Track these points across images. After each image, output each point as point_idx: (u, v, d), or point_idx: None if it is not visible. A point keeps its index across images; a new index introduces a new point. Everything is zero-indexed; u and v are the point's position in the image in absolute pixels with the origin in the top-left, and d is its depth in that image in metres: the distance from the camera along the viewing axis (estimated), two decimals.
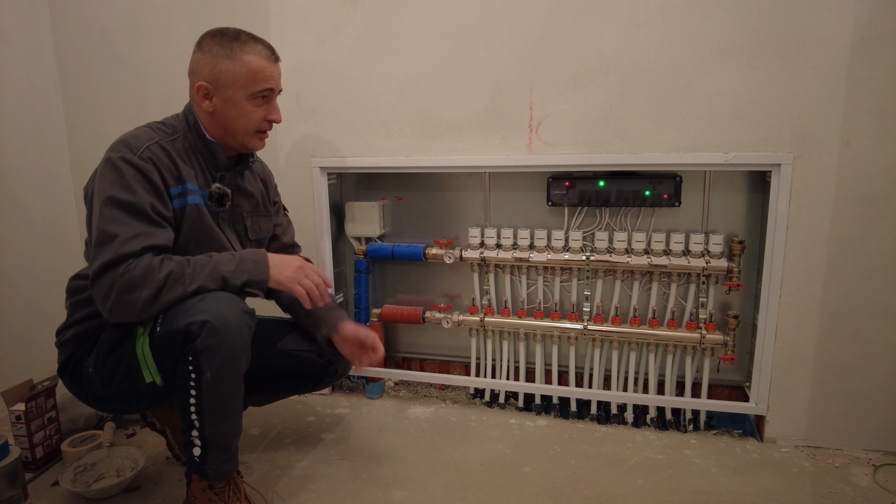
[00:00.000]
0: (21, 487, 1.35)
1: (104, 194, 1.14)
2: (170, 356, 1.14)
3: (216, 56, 1.25)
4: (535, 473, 1.44)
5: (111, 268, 1.10)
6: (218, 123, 1.28)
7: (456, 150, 1.68)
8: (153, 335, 1.16)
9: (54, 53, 1.96)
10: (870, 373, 1.48)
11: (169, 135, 1.26)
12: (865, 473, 1.42)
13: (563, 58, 1.55)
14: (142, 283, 1.10)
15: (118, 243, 1.10)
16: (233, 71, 1.24)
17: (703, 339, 1.59)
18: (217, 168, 1.32)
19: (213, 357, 1.11)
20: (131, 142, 1.19)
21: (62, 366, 1.31)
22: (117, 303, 1.10)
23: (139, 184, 1.15)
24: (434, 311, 1.83)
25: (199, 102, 1.27)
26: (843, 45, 1.36)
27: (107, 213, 1.12)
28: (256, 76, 1.26)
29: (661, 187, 1.58)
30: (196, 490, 1.22)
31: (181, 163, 1.24)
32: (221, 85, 1.25)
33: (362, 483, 1.41)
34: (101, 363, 1.22)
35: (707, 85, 1.47)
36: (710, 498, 1.33)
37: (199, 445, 1.17)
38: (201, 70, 1.26)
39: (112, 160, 1.16)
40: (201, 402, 1.14)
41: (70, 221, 2.03)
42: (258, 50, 1.28)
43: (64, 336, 1.31)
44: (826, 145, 1.41)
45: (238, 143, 1.31)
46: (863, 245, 1.43)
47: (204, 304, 1.12)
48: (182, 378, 1.13)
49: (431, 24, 1.63)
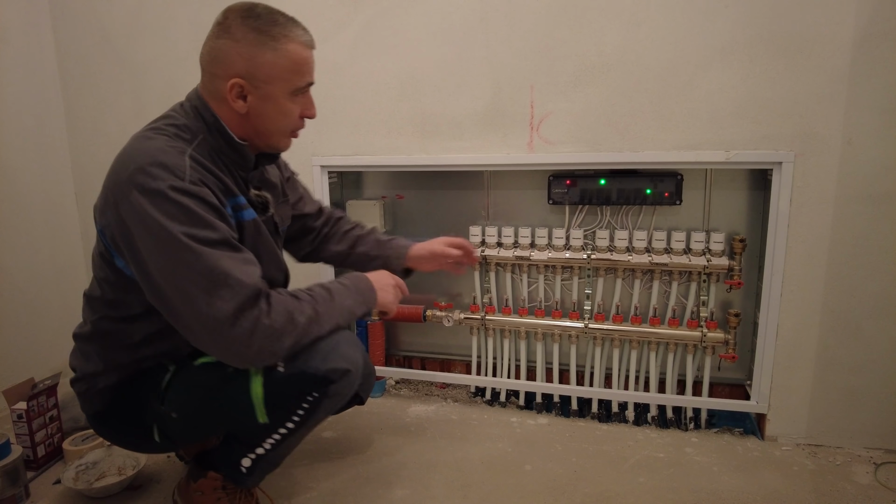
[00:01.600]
0: (22, 486, 1.35)
1: (176, 234, 0.94)
2: (289, 394, 1.06)
3: (253, 45, 1.02)
4: (537, 472, 1.44)
5: (247, 311, 0.96)
6: (249, 124, 1.09)
7: (457, 148, 1.67)
8: (272, 375, 1.06)
9: (54, 52, 1.95)
10: (871, 371, 1.48)
11: (190, 141, 1.05)
12: (867, 471, 1.42)
13: (564, 56, 1.55)
14: (284, 332, 0.99)
15: (237, 285, 0.95)
16: (275, 63, 1.04)
17: (705, 337, 1.59)
18: (245, 170, 1.14)
19: (336, 402, 1.10)
20: (167, 162, 0.98)
21: (101, 415, 1.16)
22: (261, 352, 0.98)
23: (208, 213, 0.98)
24: (435, 310, 1.83)
25: (232, 102, 1.05)
26: (844, 42, 1.36)
27: (195, 254, 0.94)
28: (301, 68, 1.07)
29: (663, 185, 1.58)
30: (206, 486, 1.19)
31: (218, 172, 1.06)
32: (260, 80, 1.04)
33: (363, 482, 1.41)
34: (197, 407, 1.09)
35: (708, 83, 1.46)
36: (711, 496, 1.33)
37: (253, 461, 1.13)
38: (233, 62, 1.03)
39: (161, 191, 0.95)
40: (291, 434, 1.10)
41: (71, 220, 2.03)
42: (300, 36, 1.07)
43: (98, 383, 1.15)
44: (828, 143, 1.41)
45: (266, 144, 1.13)
46: (864, 243, 1.43)
47: (344, 350, 1.07)
48: (285, 411, 1.08)
49: (432, 22, 1.63)
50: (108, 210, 1.01)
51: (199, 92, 1.10)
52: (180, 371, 1.14)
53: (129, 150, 1.03)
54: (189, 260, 0.94)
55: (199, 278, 0.94)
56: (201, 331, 0.97)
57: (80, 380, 1.18)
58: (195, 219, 0.96)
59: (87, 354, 1.16)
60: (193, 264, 0.94)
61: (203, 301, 0.94)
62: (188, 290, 0.95)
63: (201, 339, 0.98)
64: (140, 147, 1.01)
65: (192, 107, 1.09)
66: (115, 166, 1.03)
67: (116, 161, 1.03)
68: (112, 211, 1.00)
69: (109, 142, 1.97)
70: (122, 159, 1.02)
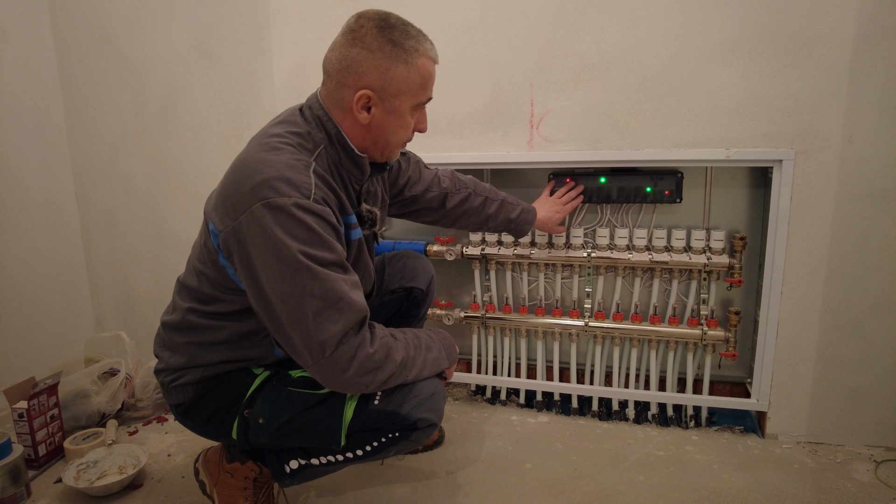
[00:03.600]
0: (24, 485, 1.35)
1: (294, 253, 0.94)
2: (373, 427, 1.07)
3: (389, 58, 1.01)
4: (537, 470, 1.44)
5: (351, 336, 0.98)
6: (369, 135, 1.08)
7: (456, 146, 1.67)
8: (367, 405, 1.07)
9: (54, 51, 1.95)
10: (871, 369, 1.48)
11: (312, 151, 1.04)
12: (867, 469, 1.42)
13: (564, 54, 1.55)
14: (381, 365, 1.01)
15: (347, 309, 0.97)
16: (407, 78, 1.02)
17: (705, 335, 1.59)
18: (360, 183, 1.13)
19: (408, 447, 1.11)
20: (294, 179, 0.97)
21: (182, 407, 1.16)
22: (354, 379, 0.99)
23: (327, 233, 0.98)
24: (435, 308, 1.82)
25: (357, 113, 1.04)
26: (845, 39, 1.36)
27: (311, 273, 0.95)
28: (427, 84, 1.07)
29: (663, 183, 1.58)
30: (238, 471, 1.20)
31: (337, 188, 1.06)
32: (389, 94, 1.03)
33: (364, 480, 1.41)
34: (287, 419, 1.09)
35: (708, 81, 1.46)
36: (711, 494, 1.33)
37: (301, 466, 1.14)
38: (367, 74, 1.01)
39: (286, 208, 0.94)
40: (353, 460, 1.11)
41: (71, 219, 2.03)
42: (429, 50, 1.06)
43: (181, 377, 1.14)
44: (828, 141, 1.41)
45: (381, 155, 1.12)
46: (865, 241, 1.43)
47: (436, 402, 1.10)
48: (361, 439, 1.09)
49: (431, 21, 1.62)
50: (225, 214, 1.00)
51: (322, 99, 1.08)
52: (273, 379, 1.13)
53: (253, 160, 1.00)
54: (304, 280, 0.94)
55: (311, 298, 0.95)
56: (303, 348, 0.97)
57: (163, 371, 1.17)
58: (315, 238, 0.96)
59: (173, 346, 1.16)
60: (308, 284, 0.94)
61: (311, 321, 0.95)
62: (298, 308, 0.95)
63: (301, 355, 0.99)
64: (266, 159, 0.99)
65: (315, 115, 1.07)
66: (238, 173, 1.01)
67: (240, 167, 1.01)
68: (230, 217, 0.99)
69: (109, 141, 1.97)
70: (246, 167, 1.00)
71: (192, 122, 1.88)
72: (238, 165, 1.03)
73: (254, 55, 1.78)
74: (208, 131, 1.88)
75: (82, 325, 2.07)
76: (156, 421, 1.74)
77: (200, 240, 1.14)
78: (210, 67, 1.83)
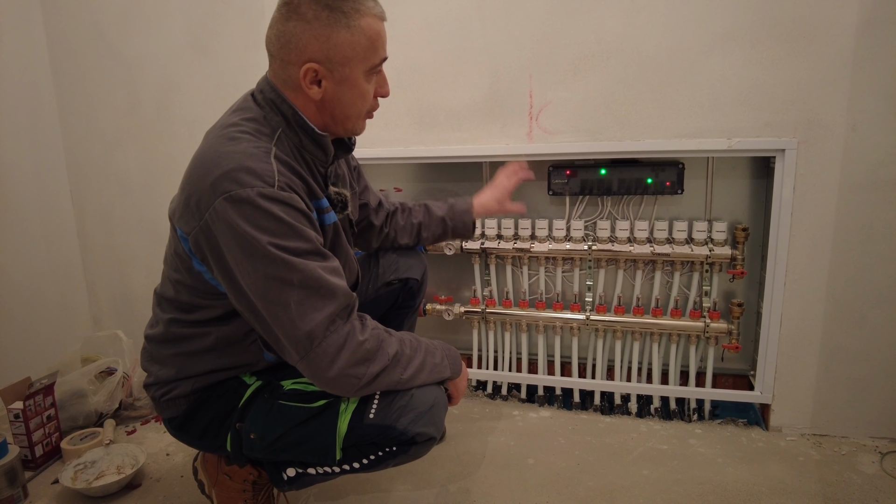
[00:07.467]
0: (21, 486, 1.34)
1: (266, 246, 0.90)
2: (370, 441, 1.03)
3: (328, 24, 0.94)
4: (540, 465, 1.43)
5: (339, 322, 0.94)
6: (325, 111, 1.02)
7: (455, 139, 1.66)
8: (362, 419, 1.02)
9: (46, 47, 1.93)
10: (876, 360, 1.47)
11: (270, 136, 0.99)
12: (872, 461, 1.41)
13: (562, 44, 1.53)
14: (373, 356, 0.96)
15: (330, 295, 0.93)
16: (351, 42, 0.96)
17: (707, 327, 1.58)
18: (325, 165, 1.07)
19: (407, 460, 1.07)
20: (255, 167, 0.92)
21: (180, 421, 1.11)
22: (345, 372, 0.94)
23: (298, 220, 0.94)
24: (435, 304, 1.81)
25: (307, 89, 0.98)
26: (848, 27, 1.34)
27: (287, 265, 0.91)
28: (376, 44, 0.99)
29: (664, 175, 1.56)
30: (238, 474, 1.18)
31: (302, 172, 1.01)
32: (337, 63, 0.97)
33: (365, 477, 1.40)
34: (280, 434, 1.05)
35: (710, 70, 1.44)
36: (715, 487, 1.32)
37: (299, 475, 1.11)
38: (307, 46, 0.95)
39: (250, 200, 0.90)
40: (350, 471, 1.08)
41: (66, 217, 2.01)
42: (372, 8, 0.98)
43: (172, 390, 1.10)
44: (831, 130, 1.39)
45: (344, 130, 1.07)
46: (869, 231, 1.41)
47: (436, 415, 1.04)
48: (358, 452, 1.05)
49: (429, 12, 1.61)
50: (190, 216, 0.95)
51: (271, 81, 1.02)
52: (264, 391, 1.09)
53: (211, 154, 0.95)
54: (280, 272, 0.91)
55: (290, 290, 0.91)
56: (289, 343, 0.94)
57: (153, 385, 1.12)
58: (285, 228, 0.91)
59: (160, 359, 1.12)
60: (285, 276, 0.91)
61: (294, 312, 0.91)
62: (279, 302, 0.92)
63: (288, 351, 0.95)
64: (223, 150, 0.95)
65: (267, 99, 1.02)
66: (197, 168, 0.96)
67: (198, 162, 0.97)
68: (195, 218, 0.94)
69: (103, 138, 1.95)
70: (204, 163, 0.95)
71: (188, 118, 1.86)
72: (196, 162, 0.98)
73: (249, 49, 1.76)
74: (204, 127, 1.81)
75: (79, 324, 2.05)
76: (154, 420, 1.73)
77: (171, 248, 1.09)
78: (205, 62, 1.81)
